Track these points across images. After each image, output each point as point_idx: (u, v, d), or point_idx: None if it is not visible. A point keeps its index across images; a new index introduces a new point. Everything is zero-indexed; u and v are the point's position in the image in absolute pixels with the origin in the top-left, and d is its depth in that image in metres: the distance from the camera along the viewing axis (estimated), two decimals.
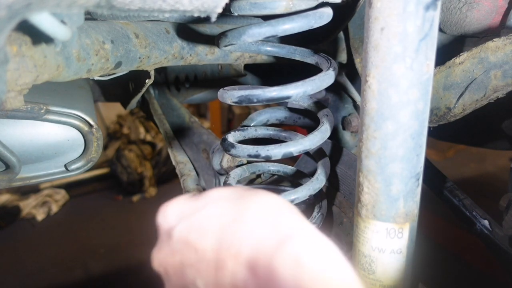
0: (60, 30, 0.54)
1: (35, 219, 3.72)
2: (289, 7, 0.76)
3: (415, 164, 0.60)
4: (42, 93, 0.93)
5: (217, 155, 1.06)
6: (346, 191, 1.03)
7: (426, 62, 0.55)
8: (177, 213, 0.56)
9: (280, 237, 0.45)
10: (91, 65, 0.76)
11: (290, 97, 0.76)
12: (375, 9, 0.54)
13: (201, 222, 0.51)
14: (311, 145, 0.81)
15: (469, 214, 1.04)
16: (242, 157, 0.83)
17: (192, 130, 1.31)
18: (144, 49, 0.86)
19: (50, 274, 2.99)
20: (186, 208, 0.56)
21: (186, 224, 0.53)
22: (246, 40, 0.78)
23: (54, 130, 0.96)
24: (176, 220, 0.55)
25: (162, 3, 0.54)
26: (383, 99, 0.57)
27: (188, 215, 0.54)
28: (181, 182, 1.13)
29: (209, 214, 0.51)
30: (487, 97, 0.83)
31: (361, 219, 0.66)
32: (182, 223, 0.53)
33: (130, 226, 3.61)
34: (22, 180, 0.97)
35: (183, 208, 0.56)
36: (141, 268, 3.03)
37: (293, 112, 1.06)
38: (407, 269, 0.67)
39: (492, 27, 0.94)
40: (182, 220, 0.54)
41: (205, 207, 0.52)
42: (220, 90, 0.80)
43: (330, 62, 0.83)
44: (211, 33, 0.98)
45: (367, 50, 0.57)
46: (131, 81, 1.32)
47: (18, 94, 0.61)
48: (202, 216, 0.52)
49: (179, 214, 0.56)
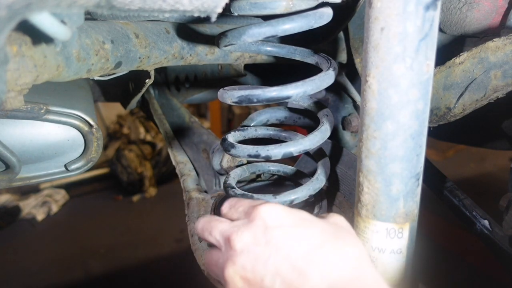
0: (60, 30, 0.54)
1: (35, 219, 3.72)
2: (289, 7, 0.76)
3: (415, 164, 0.60)
4: (42, 93, 0.93)
5: (217, 155, 1.06)
6: (346, 191, 1.03)
7: (426, 62, 0.55)
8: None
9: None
10: (91, 65, 0.76)
11: (290, 97, 0.76)
12: (375, 9, 0.54)
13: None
14: (311, 145, 0.81)
15: (469, 214, 1.04)
16: (242, 157, 0.83)
17: (192, 130, 1.31)
18: (144, 49, 0.86)
19: (50, 274, 2.99)
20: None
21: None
22: (246, 40, 0.78)
23: (54, 130, 0.96)
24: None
25: (162, 3, 0.54)
26: (383, 99, 0.57)
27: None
28: (181, 182, 1.13)
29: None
30: (487, 97, 0.83)
31: (361, 219, 0.66)
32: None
33: (130, 226, 3.61)
34: (22, 180, 0.97)
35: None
36: (141, 268, 3.03)
37: (293, 112, 1.06)
38: (407, 269, 0.67)
39: (492, 27, 0.94)
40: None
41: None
42: (220, 90, 0.80)
43: (330, 62, 0.83)
44: (211, 33, 0.98)
45: (367, 50, 0.57)
46: (131, 81, 1.32)
47: (18, 94, 0.61)
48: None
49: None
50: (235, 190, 0.88)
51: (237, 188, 0.89)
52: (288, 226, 0.58)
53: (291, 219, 0.59)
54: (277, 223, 0.59)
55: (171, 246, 3.23)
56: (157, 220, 3.69)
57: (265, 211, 0.60)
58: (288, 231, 0.58)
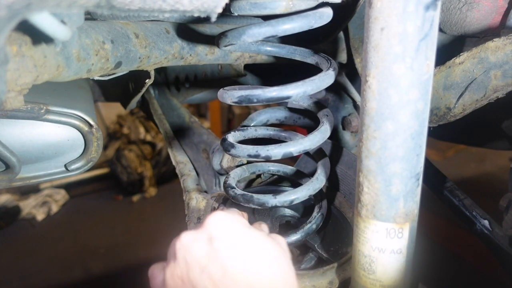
0: (60, 30, 0.54)
1: (35, 219, 3.71)
2: (289, 7, 0.76)
3: (415, 164, 0.60)
4: (42, 93, 0.93)
5: (217, 155, 1.06)
6: (346, 191, 1.03)
7: (426, 62, 0.55)
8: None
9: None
10: (91, 65, 0.76)
11: (290, 97, 0.76)
12: (375, 9, 0.54)
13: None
14: (311, 145, 0.81)
15: (469, 214, 1.04)
16: (242, 157, 0.83)
17: (192, 130, 1.31)
18: (144, 49, 0.86)
19: (50, 274, 2.99)
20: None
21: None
22: (246, 40, 0.78)
23: (54, 130, 0.96)
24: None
25: (162, 3, 0.54)
26: (383, 99, 0.57)
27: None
28: (181, 182, 1.12)
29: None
30: (487, 97, 0.83)
31: (361, 219, 0.66)
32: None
33: (130, 226, 3.61)
34: (22, 180, 0.97)
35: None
36: (141, 268, 3.03)
37: (293, 112, 1.06)
38: (407, 269, 0.67)
39: (492, 27, 0.94)
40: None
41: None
42: (220, 90, 0.80)
43: (330, 62, 0.83)
44: (211, 33, 0.98)
45: (367, 50, 0.57)
46: (131, 81, 1.32)
47: (18, 94, 0.61)
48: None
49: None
50: (235, 190, 0.88)
51: (237, 188, 0.89)
52: (233, 243, 0.60)
53: (239, 236, 0.61)
54: (223, 235, 0.60)
55: None
56: (157, 220, 3.69)
57: (215, 219, 0.62)
58: (232, 248, 0.59)
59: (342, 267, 0.83)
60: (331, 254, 0.88)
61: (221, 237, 0.59)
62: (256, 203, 0.84)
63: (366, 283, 0.69)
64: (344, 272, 0.82)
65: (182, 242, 0.60)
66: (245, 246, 0.59)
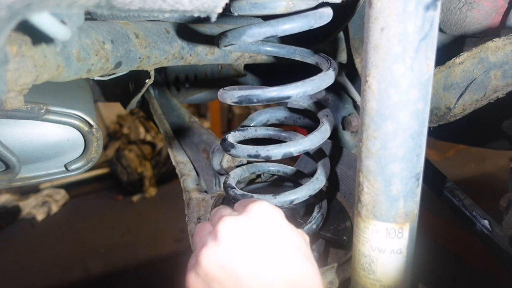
0: (60, 30, 0.54)
1: (35, 219, 3.72)
2: (289, 7, 0.76)
3: (415, 164, 0.60)
4: (42, 93, 0.93)
5: (217, 155, 1.06)
6: (346, 191, 1.03)
7: (426, 62, 0.55)
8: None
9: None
10: (91, 65, 0.76)
11: (290, 97, 0.76)
12: (375, 9, 0.54)
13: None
14: (311, 145, 0.81)
15: (469, 214, 1.04)
16: (242, 157, 0.83)
17: (192, 130, 1.31)
18: (144, 49, 0.86)
19: (50, 274, 2.99)
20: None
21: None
22: (246, 40, 0.78)
23: (54, 130, 0.96)
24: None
25: (162, 3, 0.54)
26: (383, 99, 0.57)
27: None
28: (181, 182, 1.12)
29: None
30: (487, 97, 0.83)
31: (361, 219, 0.66)
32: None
33: (130, 226, 3.61)
34: (22, 180, 0.97)
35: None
36: (141, 268, 3.03)
37: (293, 112, 1.06)
38: (407, 269, 0.67)
39: (492, 27, 0.94)
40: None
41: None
42: (220, 90, 0.80)
43: (330, 62, 0.83)
44: (211, 33, 0.98)
45: (367, 50, 0.57)
46: (131, 81, 1.32)
47: (18, 94, 0.61)
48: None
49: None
50: (235, 190, 0.88)
51: (237, 188, 0.89)
52: (280, 236, 0.63)
53: (284, 230, 0.64)
54: (271, 227, 0.63)
55: (171, 246, 3.23)
56: (157, 220, 3.69)
57: (261, 209, 0.64)
58: (279, 242, 0.62)
59: (342, 267, 0.83)
60: (332, 232, 0.93)
61: (268, 228, 0.62)
62: None
63: (366, 283, 0.69)
64: (344, 272, 0.82)
65: (229, 226, 0.61)
66: (288, 241, 0.62)
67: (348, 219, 0.96)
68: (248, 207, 0.64)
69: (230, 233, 0.61)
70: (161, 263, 3.04)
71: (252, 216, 0.63)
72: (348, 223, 0.95)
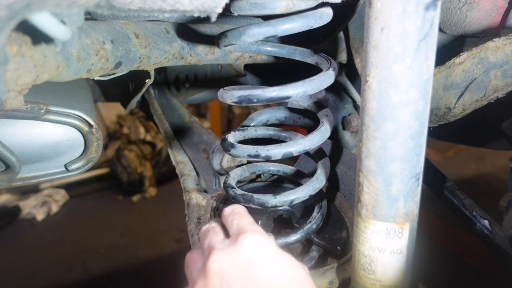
0: (60, 30, 0.54)
1: (35, 219, 3.71)
2: (289, 7, 0.76)
3: (415, 164, 0.60)
4: (42, 93, 0.93)
5: (217, 155, 1.06)
6: (346, 191, 1.03)
7: (426, 62, 0.55)
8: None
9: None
10: (91, 65, 0.76)
11: (290, 97, 0.76)
12: (375, 9, 0.54)
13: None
14: (311, 145, 0.81)
15: (469, 214, 1.04)
16: (242, 157, 0.83)
17: (192, 130, 1.31)
18: (144, 49, 0.86)
19: (50, 274, 2.99)
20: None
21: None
22: (246, 40, 0.78)
23: (54, 130, 0.96)
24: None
25: (162, 3, 0.54)
26: (383, 99, 0.57)
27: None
28: (181, 182, 1.12)
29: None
30: (487, 97, 0.83)
31: (361, 219, 0.66)
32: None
33: (130, 226, 3.61)
34: (22, 180, 0.97)
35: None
36: (141, 268, 3.03)
37: (293, 112, 1.06)
38: (407, 269, 0.67)
39: (492, 27, 0.94)
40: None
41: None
42: (220, 90, 0.80)
43: (330, 62, 0.83)
44: (211, 33, 0.98)
45: (367, 50, 0.57)
46: (131, 81, 1.32)
47: (18, 94, 0.61)
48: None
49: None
50: (235, 190, 0.88)
51: (237, 188, 0.89)
52: (271, 269, 0.59)
53: (276, 262, 0.60)
54: (261, 261, 0.59)
55: (171, 246, 3.23)
56: (157, 220, 3.69)
57: (251, 241, 0.61)
58: (270, 275, 0.59)
59: (342, 267, 0.83)
60: (327, 240, 0.91)
61: (258, 262, 0.59)
62: (256, 203, 0.84)
63: (366, 283, 0.69)
64: (344, 272, 0.82)
65: (218, 263, 0.59)
66: (281, 272, 0.59)
67: (345, 229, 0.95)
68: (239, 240, 0.61)
69: (220, 272, 0.58)
70: (161, 263, 3.04)
71: (244, 251, 0.60)
72: (344, 233, 0.93)
